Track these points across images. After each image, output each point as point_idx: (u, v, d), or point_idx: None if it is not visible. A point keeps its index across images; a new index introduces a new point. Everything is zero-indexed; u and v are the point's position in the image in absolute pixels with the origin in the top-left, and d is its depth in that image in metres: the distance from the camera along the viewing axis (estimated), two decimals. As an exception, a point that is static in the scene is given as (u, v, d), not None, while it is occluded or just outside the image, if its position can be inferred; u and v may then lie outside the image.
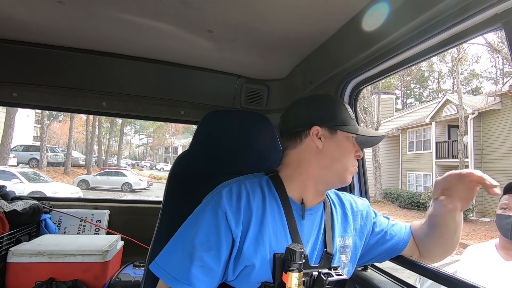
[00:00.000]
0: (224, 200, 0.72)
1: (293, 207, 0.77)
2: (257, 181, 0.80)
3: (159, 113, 1.86)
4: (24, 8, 1.15)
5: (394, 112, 19.27)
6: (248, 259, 0.69)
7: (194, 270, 0.67)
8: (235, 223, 0.70)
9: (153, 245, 0.94)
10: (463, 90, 17.53)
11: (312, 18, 1.05)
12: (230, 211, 0.71)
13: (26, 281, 1.48)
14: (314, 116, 0.80)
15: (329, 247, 0.77)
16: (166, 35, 1.29)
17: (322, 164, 0.78)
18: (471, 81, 27.95)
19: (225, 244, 0.70)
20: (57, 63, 1.55)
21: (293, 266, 0.64)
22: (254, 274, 0.69)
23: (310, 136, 0.79)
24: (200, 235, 0.70)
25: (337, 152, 0.78)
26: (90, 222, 2.06)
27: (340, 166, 0.78)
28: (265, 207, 0.74)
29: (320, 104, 0.83)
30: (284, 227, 0.74)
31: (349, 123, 0.80)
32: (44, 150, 16.28)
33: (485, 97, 11.88)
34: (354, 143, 0.80)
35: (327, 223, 0.81)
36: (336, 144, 0.78)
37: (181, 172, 1.04)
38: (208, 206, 0.74)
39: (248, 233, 0.70)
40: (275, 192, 0.78)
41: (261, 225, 0.72)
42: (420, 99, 31.20)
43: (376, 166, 14.47)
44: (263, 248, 0.70)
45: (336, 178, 0.79)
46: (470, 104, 12.40)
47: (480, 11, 0.67)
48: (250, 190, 0.76)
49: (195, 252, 0.68)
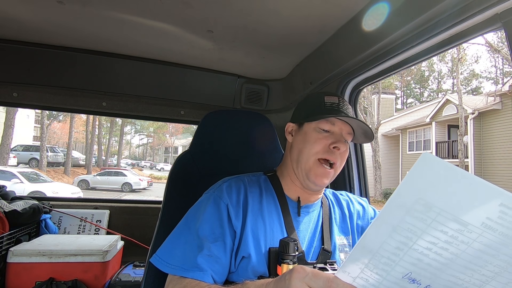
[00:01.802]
0: (225, 194, 0.75)
1: (290, 204, 0.79)
2: (255, 179, 0.83)
3: (159, 113, 1.86)
4: (24, 8, 1.15)
5: (394, 112, 19.26)
6: (245, 249, 0.71)
7: (202, 259, 0.68)
8: (235, 216, 0.73)
9: (153, 245, 0.94)
10: (463, 90, 17.54)
11: (312, 18, 1.05)
12: (231, 204, 0.74)
13: (26, 281, 1.48)
14: (292, 116, 0.86)
15: (326, 244, 0.78)
16: (166, 35, 1.29)
17: (292, 157, 0.81)
18: (471, 81, 27.97)
19: (229, 234, 0.72)
20: (57, 63, 1.55)
21: (286, 259, 0.65)
22: (251, 266, 0.71)
23: (286, 133, 0.85)
24: (204, 227, 0.72)
25: (301, 143, 0.78)
26: (90, 222, 2.06)
27: (304, 157, 0.76)
28: (261, 203, 0.77)
29: (299, 103, 0.87)
30: (281, 223, 0.76)
31: (318, 113, 0.76)
32: (44, 150, 16.28)
33: (485, 97, 11.88)
34: (331, 134, 0.76)
35: (325, 221, 0.81)
36: (302, 135, 0.79)
37: (181, 172, 1.04)
38: (210, 200, 0.76)
39: (245, 226, 0.73)
40: (272, 190, 0.81)
41: (257, 219, 0.74)
42: (420, 99, 31.21)
43: (376, 166, 14.46)
44: (259, 241, 0.72)
45: (302, 173, 0.77)
46: (470, 104, 12.40)
47: (480, 11, 0.67)
48: (248, 186, 0.79)
49: (202, 243, 0.70)
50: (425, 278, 0.40)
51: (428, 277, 0.40)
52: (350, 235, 0.85)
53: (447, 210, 0.35)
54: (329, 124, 0.76)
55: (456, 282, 0.40)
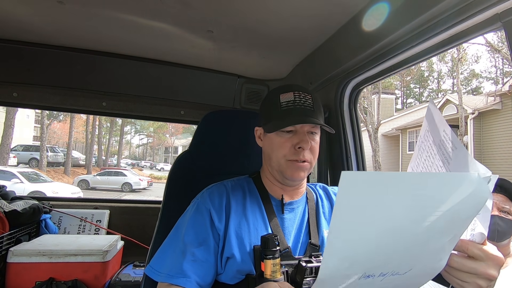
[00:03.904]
0: (207, 199, 0.79)
1: (273, 203, 0.81)
2: (239, 182, 0.86)
3: (159, 113, 1.86)
4: (24, 8, 1.15)
5: (394, 112, 19.26)
6: (229, 250, 0.73)
7: (187, 265, 0.71)
8: (218, 219, 0.76)
9: (153, 245, 0.94)
10: (463, 90, 17.53)
11: (312, 18, 1.05)
12: (213, 208, 0.77)
13: (26, 281, 1.48)
14: (259, 117, 0.87)
15: (313, 238, 0.79)
16: (166, 35, 1.29)
17: (265, 161, 0.84)
18: (471, 81, 27.96)
19: (213, 238, 0.75)
20: (57, 63, 1.55)
21: (269, 254, 0.66)
22: (236, 265, 0.72)
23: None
24: (189, 233, 0.75)
25: (269, 148, 0.80)
26: (90, 222, 2.06)
27: (274, 161, 0.79)
28: (245, 205, 0.79)
29: (261, 104, 0.87)
30: (265, 222, 0.78)
31: (275, 118, 0.77)
32: (44, 150, 16.27)
33: (485, 97, 11.89)
34: (294, 135, 0.76)
35: (311, 216, 0.82)
36: (268, 140, 0.80)
37: (181, 172, 1.04)
38: (194, 207, 0.80)
39: (228, 228, 0.75)
40: (255, 191, 0.83)
41: (240, 220, 0.76)
42: (420, 99, 31.20)
43: (376, 166, 14.46)
44: (243, 241, 0.74)
45: (277, 173, 0.80)
46: (470, 104, 12.40)
47: (480, 11, 0.67)
48: (230, 190, 0.82)
49: (186, 249, 0.73)
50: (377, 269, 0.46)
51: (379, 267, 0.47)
52: None
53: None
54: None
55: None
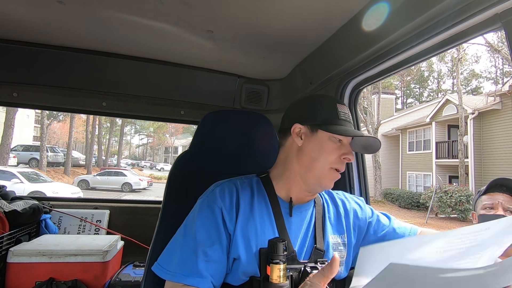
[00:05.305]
0: (218, 198, 0.76)
1: (281, 205, 0.79)
2: (247, 181, 0.83)
3: (159, 113, 1.86)
4: (24, 8, 1.15)
5: (394, 112, 19.26)
6: (235, 251, 0.72)
7: (201, 264, 0.69)
8: (229, 219, 0.74)
9: (153, 245, 0.94)
10: (463, 90, 17.53)
11: (312, 18, 1.05)
12: (225, 207, 0.75)
13: (26, 281, 1.48)
14: (297, 114, 0.82)
15: (319, 243, 0.78)
16: (166, 35, 1.28)
17: (302, 162, 0.79)
18: (471, 81, 27.95)
19: (225, 237, 0.73)
20: (57, 63, 1.54)
21: (275, 259, 0.65)
22: (241, 267, 0.71)
23: (292, 134, 0.81)
24: (201, 232, 0.73)
25: (315, 151, 0.77)
26: (90, 222, 2.05)
27: (318, 166, 0.76)
28: (253, 205, 0.77)
29: (307, 103, 0.84)
30: (272, 224, 0.76)
31: (334, 123, 0.77)
32: (44, 150, 16.28)
33: (485, 97, 11.89)
34: (342, 145, 0.78)
35: (318, 220, 0.82)
36: (316, 143, 0.78)
37: (181, 172, 1.04)
38: (204, 205, 0.77)
39: (236, 228, 0.74)
40: (264, 192, 0.81)
41: (247, 221, 0.75)
42: (420, 99, 31.19)
43: (376, 166, 14.46)
44: (249, 243, 0.73)
45: (315, 181, 0.77)
46: (470, 104, 12.40)
47: (480, 11, 0.67)
48: (240, 188, 0.79)
49: (199, 248, 0.71)
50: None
51: None
52: (345, 234, 0.85)
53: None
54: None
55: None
